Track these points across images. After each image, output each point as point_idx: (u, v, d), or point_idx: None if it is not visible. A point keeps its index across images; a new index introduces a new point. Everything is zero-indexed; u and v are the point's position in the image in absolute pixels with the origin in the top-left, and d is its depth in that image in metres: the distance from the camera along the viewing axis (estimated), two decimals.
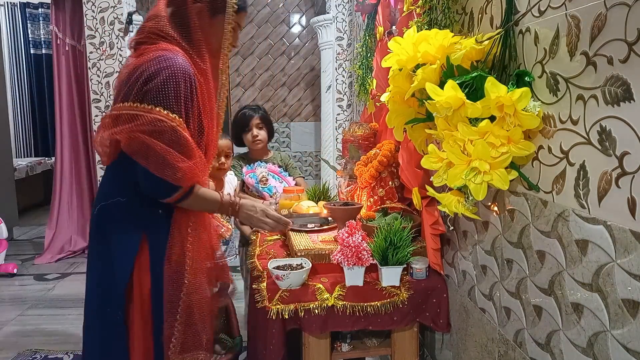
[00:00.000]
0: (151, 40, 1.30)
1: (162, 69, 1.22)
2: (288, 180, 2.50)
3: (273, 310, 1.48)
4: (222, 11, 1.34)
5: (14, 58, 5.83)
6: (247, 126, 2.48)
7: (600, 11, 0.83)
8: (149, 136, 1.20)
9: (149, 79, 1.22)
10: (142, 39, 1.32)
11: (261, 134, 2.48)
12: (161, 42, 1.29)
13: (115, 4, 3.59)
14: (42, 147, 6.06)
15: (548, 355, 1.06)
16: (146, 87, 1.22)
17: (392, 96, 1.34)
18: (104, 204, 1.34)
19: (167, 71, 1.22)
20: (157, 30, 1.30)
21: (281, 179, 2.51)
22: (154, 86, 1.21)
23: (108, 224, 1.34)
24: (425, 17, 1.57)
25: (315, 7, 4.84)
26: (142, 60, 1.27)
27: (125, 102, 1.23)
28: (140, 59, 1.28)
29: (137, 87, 1.23)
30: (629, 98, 0.78)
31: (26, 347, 2.51)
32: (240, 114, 2.54)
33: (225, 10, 1.34)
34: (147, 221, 1.34)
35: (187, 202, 1.32)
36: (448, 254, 1.62)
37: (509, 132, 1.03)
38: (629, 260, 0.80)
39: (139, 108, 1.21)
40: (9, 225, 4.17)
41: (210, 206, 1.40)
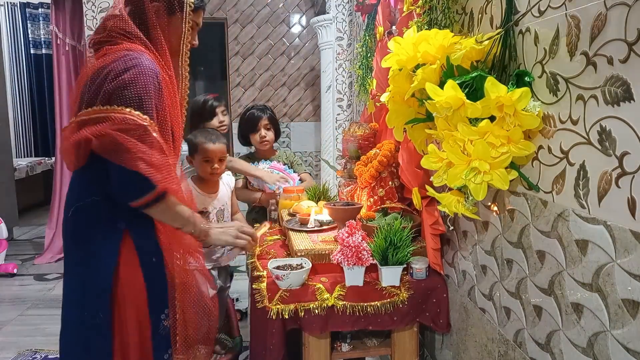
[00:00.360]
0: (113, 39, 1.28)
1: (129, 68, 1.20)
2: (293, 177, 2.51)
3: (273, 310, 1.48)
4: (179, 10, 1.35)
5: (14, 58, 5.82)
6: (256, 127, 2.50)
7: (600, 11, 0.83)
8: (121, 133, 1.17)
9: (116, 80, 1.19)
10: (104, 38, 1.30)
11: (269, 134, 2.51)
12: (124, 42, 1.28)
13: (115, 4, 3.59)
14: (42, 147, 6.06)
15: (548, 355, 1.06)
16: (114, 88, 1.19)
17: (392, 96, 1.34)
18: (79, 205, 1.30)
19: (134, 70, 1.20)
20: (118, 29, 1.29)
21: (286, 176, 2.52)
22: (123, 86, 1.19)
23: (85, 223, 1.30)
24: (425, 17, 1.57)
25: (315, 7, 4.84)
26: (106, 61, 1.24)
27: (93, 107, 1.21)
28: (104, 59, 1.25)
29: (105, 89, 1.20)
30: (629, 98, 0.78)
31: (26, 347, 2.51)
32: (248, 114, 2.55)
33: (182, 9, 1.36)
34: (127, 216, 1.29)
35: (158, 207, 1.26)
36: (448, 254, 1.62)
37: (509, 132, 1.03)
38: (629, 260, 0.80)
39: (108, 110, 1.18)
40: (9, 225, 4.17)
41: (179, 220, 1.33)
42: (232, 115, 5.01)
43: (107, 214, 1.29)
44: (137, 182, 1.20)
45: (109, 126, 1.17)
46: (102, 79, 1.21)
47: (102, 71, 1.22)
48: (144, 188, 1.22)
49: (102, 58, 1.26)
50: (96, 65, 1.26)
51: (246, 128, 2.55)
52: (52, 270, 3.73)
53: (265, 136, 2.50)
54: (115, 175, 1.22)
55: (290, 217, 2.07)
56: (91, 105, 1.22)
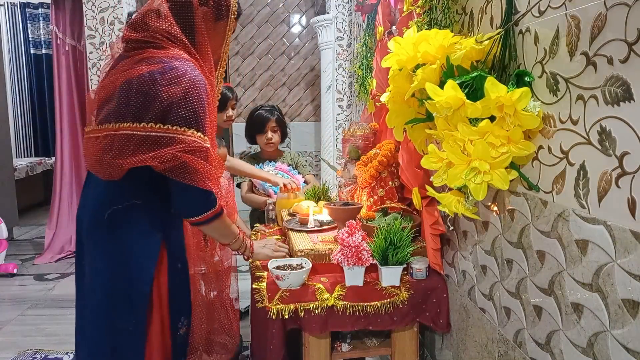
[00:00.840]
0: (157, 42, 1.23)
1: (187, 88, 1.17)
2: (297, 178, 2.51)
3: (273, 310, 1.48)
4: (224, 17, 1.34)
5: (14, 58, 5.83)
6: (263, 128, 2.51)
7: (600, 11, 0.83)
8: (188, 155, 1.17)
9: (171, 97, 1.16)
10: (145, 38, 1.24)
11: (275, 137, 2.53)
12: (169, 46, 1.23)
13: (115, 4, 3.59)
14: (42, 147, 6.06)
15: (548, 355, 1.06)
16: (169, 105, 1.16)
17: (392, 96, 1.34)
18: (117, 208, 1.25)
19: (189, 86, 1.17)
20: (163, 31, 1.23)
21: (290, 177, 2.52)
22: (179, 104, 1.16)
23: (124, 225, 1.26)
24: (425, 17, 1.57)
25: (315, 7, 4.84)
26: (153, 69, 1.18)
27: (143, 122, 1.16)
28: (150, 67, 1.19)
29: (159, 105, 1.16)
30: (629, 98, 0.78)
31: (26, 347, 2.51)
32: (256, 115, 2.55)
33: (228, 16, 1.34)
34: (164, 223, 1.31)
35: (215, 223, 1.32)
36: (448, 254, 1.62)
37: (509, 132, 1.03)
38: (629, 260, 0.80)
39: (170, 130, 1.16)
40: (9, 225, 4.17)
41: (230, 236, 1.43)
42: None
43: (147, 217, 1.27)
44: (203, 199, 1.25)
45: (176, 149, 1.16)
46: (151, 91, 1.17)
47: (151, 81, 1.17)
48: (207, 204, 1.27)
49: (145, 63, 1.20)
50: (140, 70, 1.19)
51: (253, 128, 2.55)
52: (52, 270, 3.73)
53: (272, 138, 2.52)
54: (179, 192, 1.24)
55: (290, 217, 2.07)
56: (140, 119, 1.17)
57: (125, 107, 1.19)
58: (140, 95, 1.17)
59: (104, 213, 1.26)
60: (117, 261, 1.27)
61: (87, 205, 1.33)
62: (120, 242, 1.27)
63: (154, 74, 1.18)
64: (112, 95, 1.23)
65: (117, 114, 1.20)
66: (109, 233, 1.27)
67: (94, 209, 1.29)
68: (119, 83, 1.22)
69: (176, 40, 1.24)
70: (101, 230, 1.27)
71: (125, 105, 1.19)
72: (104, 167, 1.21)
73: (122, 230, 1.26)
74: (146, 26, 1.24)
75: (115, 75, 1.25)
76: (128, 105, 1.18)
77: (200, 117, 1.20)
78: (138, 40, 1.25)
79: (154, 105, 1.16)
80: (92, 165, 1.27)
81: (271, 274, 1.55)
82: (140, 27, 1.25)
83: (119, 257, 1.27)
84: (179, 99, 1.16)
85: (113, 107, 1.22)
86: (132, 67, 1.22)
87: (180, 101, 1.16)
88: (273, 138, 2.52)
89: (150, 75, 1.18)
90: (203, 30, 1.28)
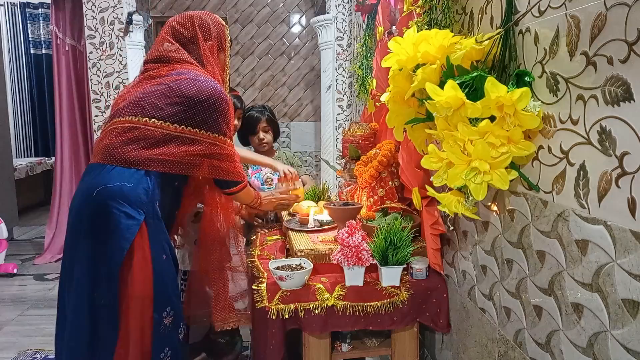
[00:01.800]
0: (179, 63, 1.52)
1: (217, 99, 1.46)
2: None
3: (273, 310, 1.48)
4: (224, 49, 1.65)
5: (14, 58, 5.82)
6: (254, 129, 2.51)
7: (600, 11, 0.83)
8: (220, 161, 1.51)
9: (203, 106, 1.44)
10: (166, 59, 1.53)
11: (267, 137, 2.52)
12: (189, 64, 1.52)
13: (115, 4, 3.59)
14: (42, 147, 6.06)
15: (548, 355, 1.06)
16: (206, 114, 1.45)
17: (392, 96, 1.34)
18: (108, 186, 1.36)
19: (222, 101, 1.48)
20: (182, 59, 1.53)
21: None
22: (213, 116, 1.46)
23: (110, 203, 1.35)
24: (425, 17, 1.57)
25: (315, 7, 4.84)
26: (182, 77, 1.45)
27: (183, 125, 1.43)
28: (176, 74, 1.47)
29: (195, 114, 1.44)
30: (629, 98, 0.78)
31: (26, 347, 2.51)
32: (247, 116, 2.54)
33: (225, 47, 1.66)
34: (149, 211, 1.41)
35: (244, 192, 1.68)
36: (448, 254, 1.62)
37: (509, 132, 1.03)
38: (629, 260, 0.80)
39: (210, 137, 1.47)
40: (9, 225, 4.17)
41: (250, 199, 1.81)
42: None
43: (130, 200, 1.37)
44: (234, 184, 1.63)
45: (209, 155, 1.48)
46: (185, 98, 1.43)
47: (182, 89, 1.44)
48: (237, 182, 1.64)
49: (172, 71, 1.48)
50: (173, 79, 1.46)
51: (245, 130, 2.55)
52: (52, 270, 3.73)
53: (264, 138, 2.51)
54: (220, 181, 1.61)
55: (290, 217, 2.07)
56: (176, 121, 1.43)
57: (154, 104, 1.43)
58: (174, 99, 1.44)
59: (94, 191, 1.37)
60: (97, 239, 1.36)
61: (78, 192, 1.45)
62: (101, 220, 1.36)
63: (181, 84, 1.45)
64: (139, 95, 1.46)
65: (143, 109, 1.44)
66: (94, 209, 1.37)
67: (86, 191, 1.40)
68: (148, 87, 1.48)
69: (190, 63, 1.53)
70: (89, 207, 1.38)
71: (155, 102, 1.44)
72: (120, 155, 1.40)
73: (107, 207, 1.36)
74: (165, 57, 1.54)
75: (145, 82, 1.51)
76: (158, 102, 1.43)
77: (229, 125, 1.53)
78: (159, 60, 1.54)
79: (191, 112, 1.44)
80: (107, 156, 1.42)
81: (273, 274, 1.55)
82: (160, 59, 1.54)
83: (99, 234, 1.36)
84: (218, 111, 1.48)
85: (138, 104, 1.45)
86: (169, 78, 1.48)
87: (217, 113, 1.48)
88: (265, 138, 2.51)
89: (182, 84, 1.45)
90: (210, 60, 1.58)
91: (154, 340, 1.40)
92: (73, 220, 1.42)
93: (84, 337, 1.36)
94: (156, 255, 1.41)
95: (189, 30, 1.56)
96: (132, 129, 1.41)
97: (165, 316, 1.42)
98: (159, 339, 1.41)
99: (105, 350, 1.37)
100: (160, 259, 1.42)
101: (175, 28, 1.57)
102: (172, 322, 1.44)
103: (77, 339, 1.37)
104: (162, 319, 1.41)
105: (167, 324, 1.43)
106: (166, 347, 1.44)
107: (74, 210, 1.42)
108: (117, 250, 1.34)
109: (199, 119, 1.44)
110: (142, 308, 1.38)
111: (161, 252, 1.43)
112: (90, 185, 1.40)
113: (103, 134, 1.49)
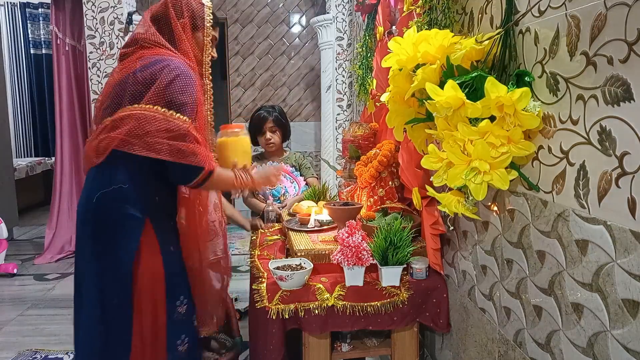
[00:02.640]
0: (146, 47, 1.45)
1: (175, 75, 1.36)
2: (299, 180, 2.49)
3: (273, 310, 1.48)
4: (201, 28, 1.56)
5: (14, 58, 5.82)
6: (261, 129, 2.50)
7: (600, 11, 0.83)
8: (171, 140, 1.34)
9: (161, 83, 1.35)
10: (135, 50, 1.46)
11: (274, 137, 2.51)
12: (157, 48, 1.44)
13: (115, 4, 3.59)
14: (42, 147, 6.05)
15: (548, 355, 1.06)
16: (160, 91, 1.35)
17: (392, 96, 1.34)
18: (105, 191, 1.38)
19: (181, 77, 1.37)
20: (150, 40, 1.46)
21: (292, 178, 2.49)
22: (169, 91, 1.35)
23: (111, 207, 1.38)
24: (425, 17, 1.57)
25: (315, 7, 4.84)
26: (145, 63, 1.38)
27: (138, 104, 1.35)
28: (141, 62, 1.39)
29: (153, 90, 1.34)
30: (629, 98, 0.78)
31: (26, 347, 2.51)
32: (255, 116, 2.54)
33: (204, 26, 1.56)
34: (150, 206, 1.43)
35: (210, 182, 1.44)
36: (448, 254, 1.62)
37: (509, 132, 1.03)
38: (629, 260, 0.80)
39: (157, 111, 1.34)
40: (9, 225, 4.17)
41: (228, 184, 1.55)
42: (232, 115, 5.01)
43: (131, 202, 1.39)
44: (191, 168, 1.39)
45: (159, 132, 1.33)
46: (144, 79, 1.37)
47: (143, 72, 1.37)
48: (196, 172, 1.40)
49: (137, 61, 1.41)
50: (132, 67, 1.39)
51: (253, 129, 2.54)
52: (52, 270, 3.73)
53: (271, 139, 2.50)
54: (171, 168, 1.40)
55: (290, 217, 2.07)
56: (136, 102, 1.35)
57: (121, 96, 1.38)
58: (137, 83, 1.37)
59: (94, 197, 1.39)
60: (103, 245, 1.39)
61: (81, 197, 1.47)
62: (105, 226, 1.39)
63: (147, 65, 1.38)
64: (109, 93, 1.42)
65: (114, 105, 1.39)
66: (95, 217, 1.40)
67: (86, 196, 1.43)
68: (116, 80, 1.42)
69: (160, 45, 1.46)
70: (91, 213, 1.41)
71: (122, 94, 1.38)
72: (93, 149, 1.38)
73: (109, 212, 1.39)
74: (135, 40, 1.48)
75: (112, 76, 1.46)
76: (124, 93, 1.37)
77: (187, 103, 1.38)
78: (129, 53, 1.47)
79: (151, 90, 1.35)
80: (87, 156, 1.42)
81: (273, 274, 1.55)
82: (131, 43, 1.50)
83: (104, 240, 1.39)
84: (173, 87, 1.36)
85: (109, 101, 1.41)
86: (126, 66, 1.42)
87: (173, 89, 1.36)
88: (272, 139, 2.50)
89: (145, 66, 1.38)
90: (184, 39, 1.50)
91: (169, 327, 1.45)
92: (78, 227, 1.45)
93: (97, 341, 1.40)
94: (164, 247, 1.45)
95: (162, 9, 1.52)
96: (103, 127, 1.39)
97: (179, 305, 1.48)
98: (173, 327, 1.46)
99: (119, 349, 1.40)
100: (168, 250, 1.46)
101: (152, 9, 1.55)
102: (186, 311, 1.50)
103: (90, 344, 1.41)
104: (175, 308, 1.47)
105: (182, 312, 1.48)
106: (183, 334, 1.49)
107: (78, 217, 1.46)
108: (126, 252, 1.37)
109: (153, 96, 1.35)
110: (155, 301, 1.42)
111: (169, 244, 1.47)
112: (89, 190, 1.43)
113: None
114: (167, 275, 1.44)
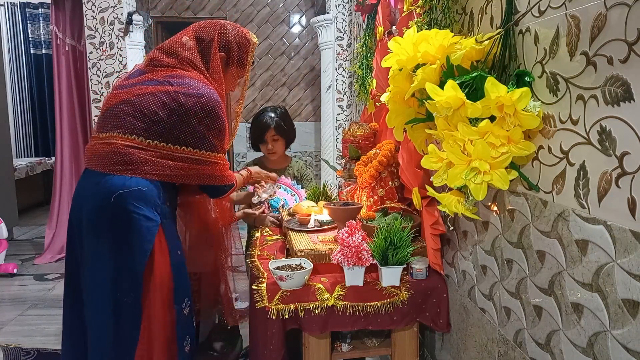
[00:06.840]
0: (183, 66, 1.53)
1: (212, 114, 1.47)
2: (300, 193, 2.38)
3: (273, 310, 1.48)
4: (235, 65, 1.66)
5: (14, 58, 5.82)
6: (262, 138, 2.37)
7: (600, 11, 0.83)
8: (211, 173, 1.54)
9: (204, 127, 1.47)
10: (173, 64, 1.53)
11: (277, 146, 2.38)
12: (191, 71, 1.53)
13: (115, 4, 3.59)
14: (42, 147, 6.05)
15: (548, 355, 1.06)
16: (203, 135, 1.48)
17: (392, 96, 1.34)
18: (123, 192, 1.40)
19: (216, 117, 1.48)
20: (188, 60, 1.54)
21: (293, 191, 2.38)
22: (212, 133, 1.50)
23: (130, 208, 1.40)
24: (425, 17, 1.57)
25: (315, 7, 4.84)
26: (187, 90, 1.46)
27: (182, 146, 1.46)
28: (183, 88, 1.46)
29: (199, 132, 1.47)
30: (629, 98, 0.78)
31: (26, 347, 2.50)
32: (257, 120, 2.41)
33: (240, 65, 1.68)
34: (163, 210, 1.49)
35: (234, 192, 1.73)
36: (448, 254, 1.62)
37: (509, 132, 1.03)
38: (629, 260, 0.80)
39: (199, 154, 1.49)
40: (9, 225, 4.17)
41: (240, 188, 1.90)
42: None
43: (148, 203, 1.43)
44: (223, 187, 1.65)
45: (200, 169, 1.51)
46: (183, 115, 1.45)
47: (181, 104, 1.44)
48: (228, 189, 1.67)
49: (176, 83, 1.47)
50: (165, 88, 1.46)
51: (254, 137, 2.42)
52: (52, 270, 3.73)
53: (272, 148, 2.37)
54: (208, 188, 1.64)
55: (290, 217, 2.07)
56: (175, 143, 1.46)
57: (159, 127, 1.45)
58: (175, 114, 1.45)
59: (111, 196, 1.40)
60: (118, 243, 1.41)
61: (87, 196, 1.46)
62: (122, 224, 1.40)
63: (188, 94, 1.45)
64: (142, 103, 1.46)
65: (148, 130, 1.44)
66: (116, 214, 1.41)
67: (99, 194, 1.42)
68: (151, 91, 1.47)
69: (196, 67, 1.55)
70: (106, 213, 1.41)
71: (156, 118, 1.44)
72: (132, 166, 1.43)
73: (126, 212, 1.40)
74: (175, 53, 1.54)
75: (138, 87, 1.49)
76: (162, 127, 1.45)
77: (221, 141, 1.55)
78: (167, 64, 1.53)
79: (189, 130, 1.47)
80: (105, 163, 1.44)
81: (273, 274, 1.55)
82: (170, 53, 1.55)
83: (120, 238, 1.41)
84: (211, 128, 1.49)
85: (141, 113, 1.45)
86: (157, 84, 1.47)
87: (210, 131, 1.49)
88: (274, 148, 2.37)
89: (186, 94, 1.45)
90: (217, 68, 1.59)
91: (178, 329, 1.49)
92: (86, 225, 1.44)
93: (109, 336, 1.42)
94: (173, 250, 1.49)
95: (209, 34, 1.58)
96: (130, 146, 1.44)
97: (184, 307, 1.52)
98: (181, 329, 1.50)
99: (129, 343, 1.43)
100: (175, 254, 1.51)
101: (201, 26, 1.60)
102: (189, 312, 1.54)
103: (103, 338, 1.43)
104: (182, 310, 1.51)
105: (186, 313, 1.53)
106: (187, 335, 1.53)
107: (86, 215, 1.44)
108: (140, 252, 1.41)
109: (190, 138, 1.47)
110: (164, 301, 1.45)
111: (176, 247, 1.52)
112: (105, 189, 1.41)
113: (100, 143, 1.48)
114: (175, 277, 1.48)
